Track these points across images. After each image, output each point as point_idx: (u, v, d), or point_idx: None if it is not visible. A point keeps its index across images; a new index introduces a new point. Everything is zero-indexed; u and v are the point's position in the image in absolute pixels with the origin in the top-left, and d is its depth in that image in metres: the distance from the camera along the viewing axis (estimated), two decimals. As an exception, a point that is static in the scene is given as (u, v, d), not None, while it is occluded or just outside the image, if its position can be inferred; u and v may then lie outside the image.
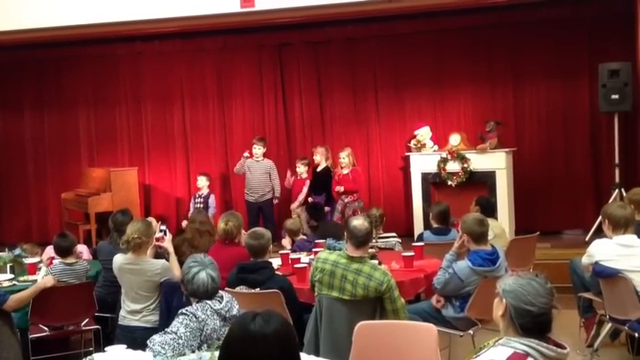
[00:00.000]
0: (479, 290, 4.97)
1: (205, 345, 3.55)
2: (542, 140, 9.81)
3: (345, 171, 9.27)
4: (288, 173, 9.87)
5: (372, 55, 10.44)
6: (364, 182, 9.83)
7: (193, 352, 3.52)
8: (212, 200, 9.95)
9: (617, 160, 8.67)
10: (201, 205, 9.81)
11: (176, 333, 3.50)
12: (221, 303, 3.70)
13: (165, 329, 3.57)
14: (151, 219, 6.09)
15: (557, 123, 9.73)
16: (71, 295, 5.71)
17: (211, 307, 3.64)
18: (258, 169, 9.68)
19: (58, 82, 11.32)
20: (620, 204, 5.63)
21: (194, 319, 3.56)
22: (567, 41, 9.58)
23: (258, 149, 9.68)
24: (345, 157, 9.27)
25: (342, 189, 9.20)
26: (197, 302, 3.69)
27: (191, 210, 9.87)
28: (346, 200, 9.22)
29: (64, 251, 5.96)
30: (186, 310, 3.61)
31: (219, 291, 3.79)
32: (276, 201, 9.82)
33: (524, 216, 9.40)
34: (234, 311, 3.73)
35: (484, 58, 9.97)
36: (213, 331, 3.58)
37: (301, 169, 9.68)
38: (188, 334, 3.51)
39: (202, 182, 9.98)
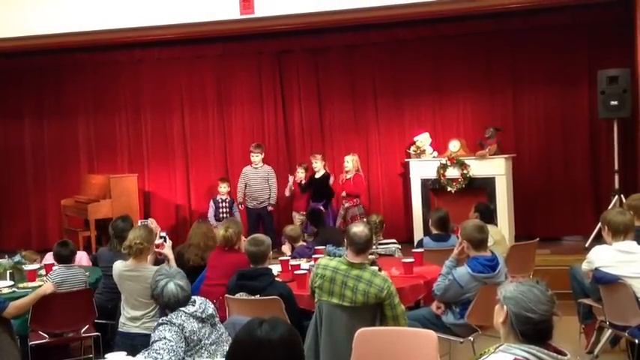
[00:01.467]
0: (479, 297, 4.97)
1: (205, 352, 3.58)
2: (542, 146, 9.81)
3: (349, 176, 9.34)
4: (290, 180, 9.82)
5: (372, 61, 10.45)
6: (365, 188, 9.81)
7: (186, 353, 3.55)
8: (235, 207, 9.98)
9: (616, 167, 8.69)
10: (227, 211, 9.83)
11: (164, 337, 3.57)
12: (194, 306, 3.76)
13: (151, 341, 3.62)
14: (152, 220, 6.09)
15: (556, 129, 9.74)
16: (71, 302, 5.70)
17: (185, 312, 3.71)
18: (257, 176, 9.69)
19: (57, 90, 11.34)
20: (620, 210, 5.63)
21: (172, 324, 3.63)
22: (566, 48, 9.60)
23: (256, 156, 9.69)
24: (349, 161, 9.34)
25: (344, 193, 9.28)
26: (171, 312, 3.76)
27: (210, 213, 9.86)
28: (347, 205, 9.29)
29: (65, 259, 5.95)
30: (162, 320, 3.70)
31: (192, 296, 3.85)
32: (270, 208, 9.80)
33: (523, 222, 9.42)
34: (210, 310, 3.80)
35: (483, 65, 9.99)
36: (192, 333, 3.64)
37: (302, 174, 9.73)
38: (175, 336, 3.58)
39: (225, 189, 9.93)
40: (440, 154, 9.60)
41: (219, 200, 9.98)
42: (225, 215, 9.70)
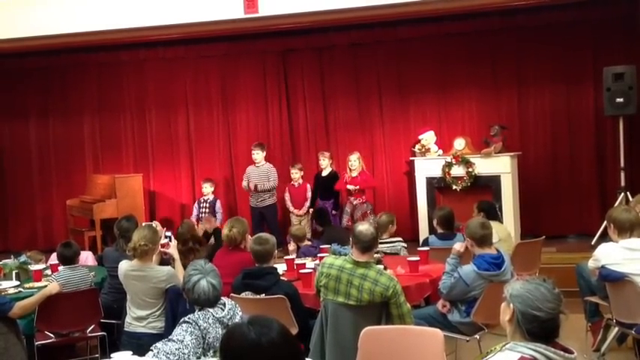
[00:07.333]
0: (485, 295, 4.95)
1: (211, 351, 3.54)
2: (547, 144, 9.78)
3: (354, 174, 9.34)
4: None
5: (376, 60, 10.43)
6: (372, 185, 9.80)
7: (198, 359, 3.50)
8: (218, 206, 10.02)
9: (622, 164, 8.66)
10: (207, 211, 9.87)
11: (182, 342, 3.46)
12: (223, 310, 3.67)
13: (170, 337, 3.54)
14: (156, 223, 6.08)
15: (562, 127, 9.71)
16: (77, 302, 5.71)
17: (213, 316, 3.61)
18: (258, 174, 9.67)
19: (62, 90, 11.35)
20: (625, 207, 5.61)
21: (197, 327, 3.53)
22: (571, 45, 9.56)
23: (257, 154, 9.69)
24: (355, 159, 9.34)
25: (354, 187, 9.28)
26: (199, 310, 3.67)
27: (194, 214, 9.89)
28: (355, 203, 9.28)
29: (68, 260, 5.97)
30: (189, 319, 3.58)
31: (222, 298, 3.76)
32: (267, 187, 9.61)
33: (529, 220, 9.39)
34: (237, 318, 3.69)
35: (488, 63, 9.96)
36: (215, 340, 3.54)
37: (297, 175, 9.74)
38: (194, 341, 3.48)
39: (208, 189, 10.03)
40: (445, 152, 9.57)
41: (202, 201, 10.06)
42: (205, 215, 9.75)
